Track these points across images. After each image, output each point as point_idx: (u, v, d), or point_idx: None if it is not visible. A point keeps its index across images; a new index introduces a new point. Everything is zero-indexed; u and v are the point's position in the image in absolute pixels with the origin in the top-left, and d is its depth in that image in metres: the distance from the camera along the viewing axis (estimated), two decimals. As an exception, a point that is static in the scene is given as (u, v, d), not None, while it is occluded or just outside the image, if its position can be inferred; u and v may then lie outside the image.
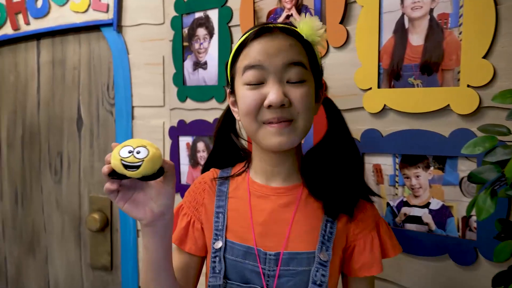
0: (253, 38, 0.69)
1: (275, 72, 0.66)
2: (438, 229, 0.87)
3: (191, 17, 1.25)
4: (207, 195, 0.79)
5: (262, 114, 0.68)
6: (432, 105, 0.85)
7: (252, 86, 0.68)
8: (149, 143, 0.61)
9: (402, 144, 0.89)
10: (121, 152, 0.59)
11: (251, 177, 0.77)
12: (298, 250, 0.70)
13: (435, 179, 0.86)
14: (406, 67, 0.88)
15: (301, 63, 0.68)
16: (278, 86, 0.66)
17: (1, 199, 1.78)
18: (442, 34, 0.83)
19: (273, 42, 0.67)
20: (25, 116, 1.68)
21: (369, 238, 0.74)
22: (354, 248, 0.74)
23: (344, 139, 0.76)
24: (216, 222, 0.75)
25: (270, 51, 0.67)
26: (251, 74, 0.67)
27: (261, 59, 0.67)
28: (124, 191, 0.63)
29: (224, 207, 0.76)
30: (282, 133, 0.67)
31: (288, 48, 0.67)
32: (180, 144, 1.31)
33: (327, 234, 0.71)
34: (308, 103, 0.68)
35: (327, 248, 0.70)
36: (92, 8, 1.42)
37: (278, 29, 0.69)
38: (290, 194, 0.74)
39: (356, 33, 0.94)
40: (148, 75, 1.37)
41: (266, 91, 0.67)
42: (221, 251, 0.73)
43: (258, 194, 0.75)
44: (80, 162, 1.57)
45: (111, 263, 1.52)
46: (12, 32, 1.60)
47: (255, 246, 0.71)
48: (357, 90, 0.95)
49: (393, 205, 0.92)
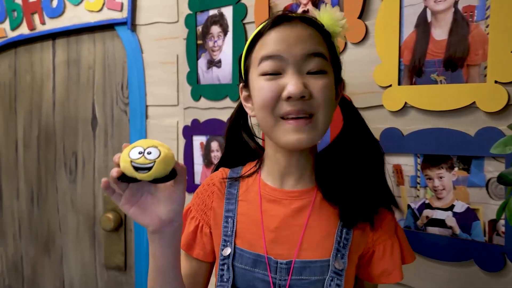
0: (270, 27, 0.64)
1: (294, 62, 0.62)
2: (463, 233, 0.83)
3: (205, 15, 1.23)
4: (216, 198, 0.74)
5: (279, 107, 0.63)
6: (457, 102, 0.81)
7: (269, 77, 0.63)
8: (160, 143, 0.57)
9: (424, 143, 0.85)
10: (131, 153, 0.55)
11: (263, 179, 0.73)
12: (311, 258, 0.66)
13: (460, 181, 0.82)
14: (428, 62, 0.84)
15: (322, 54, 0.63)
16: (298, 77, 0.61)
17: (17, 198, 1.79)
18: (467, 27, 0.79)
19: (292, 31, 0.63)
20: (40, 117, 1.69)
21: (389, 244, 0.69)
22: (373, 254, 0.69)
23: (363, 138, 0.71)
24: (225, 227, 0.71)
25: (289, 41, 0.62)
26: (269, 64, 0.63)
27: (280, 48, 0.62)
28: (130, 194, 0.59)
29: (234, 211, 0.72)
30: (302, 130, 0.62)
31: (308, 38, 0.63)
32: (194, 144, 1.29)
33: (343, 240, 0.66)
34: (329, 96, 0.63)
35: (342, 255, 0.66)
36: (106, 7, 1.41)
37: (297, 18, 0.65)
38: (303, 198, 0.69)
39: (376, 28, 0.90)
40: (162, 74, 1.35)
41: (284, 82, 0.62)
42: (229, 258, 0.69)
43: (269, 198, 0.70)
44: (94, 162, 1.57)
45: (125, 263, 1.52)
46: (28, 32, 1.61)
47: (266, 254, 0.67)
48: (376, 88, 0.91)
49: (414, 208, 0.88)
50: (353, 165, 0.68)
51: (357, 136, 0.70)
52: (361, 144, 0.70)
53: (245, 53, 0.69)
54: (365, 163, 0.69)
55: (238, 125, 0.77)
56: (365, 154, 0.69)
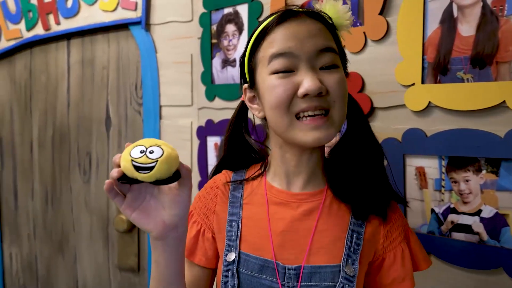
0: (277, 23, 0.61)
1: (307, 58, 0.60)
2: (491, 240, 0.78)
3: (219, 13, 1.21)
4: (220, 201, 0.71)
5: (295, 105, 0.60)
6: (485, 101, 0.76)
7: (282, 75, 0.60)
8: (164, 142, 0.54)
9: (449, 145, 0.81)
10: (132, 152, 0.52)
11: (269, 181, 0.70)
12: (321, 264, 0.63)
13: (488, 184, 0.78)
14: (454, 60, 0.80)
15: (333, 48, 0.62)
16: (313, 74, 0.59)
17: (32, 198, 1.80)
18: (497, 22, 0.75)
19: (301, 27, 0.60)
20: (55, 117, 1.69)
21: (399, 250, 0.66)
22: (384, 261, 0.66)
23: (366, 137, 0.68)
24: (229, 232, 0.68)
25: (299, 37, 0.60)
26: (280, 62, 0.60)
27: (291, 45, 0.60)
28: (132, 198, 0.56)
29: (238, 215, 0.69)
30: (319, 127, 0.60)
31: (318, 32, 0.61)
32: (208, 145, 1.27)
33: (353, 245, 0.64)
34: (344, 90, 0.62)
35: (353, 261, 0.63)
36: (120, 7, 1.40)
37: (304, 13, 0.62)
38: (312, 200, 0.66)
39: (398, 24, 0.87)
40: (176, 74, 1.34)
41: (298, 80, 0.59)
42: (234, 264, 0.66)
43: (276, 201, 0.67)
44: (108, 162, 1.56)
45: (138, 265, 1.50)
46: (44, 32, 1.61)
47: (274, 259, 0.64)
48: (398, 86, 0.88)
49: (438, 212, 0.84)
50: (359, 164, 0.66)
51: (361, 135, 0.68)
52: (364, 143, 0.68)
53: (249, 52, 0.66)
54: (368, 162, 0.67)
55: (240, 126, 0.74)
56: (368, 153, 0.67)
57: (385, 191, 0.67)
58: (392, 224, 0.67)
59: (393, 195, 0.69)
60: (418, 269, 0.69)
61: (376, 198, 0.65)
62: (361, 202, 0.65)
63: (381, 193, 0.66)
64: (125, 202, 0.55)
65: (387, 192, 0.68)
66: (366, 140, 0.68)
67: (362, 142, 0.67)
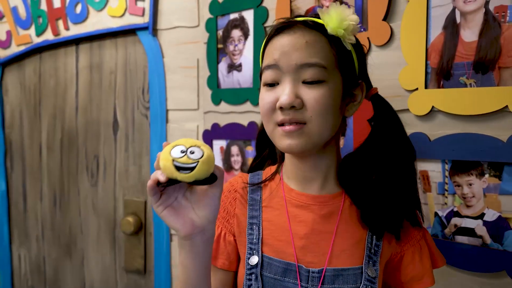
0: (273, 35, 0.64)
1: (289, 72, 0.61)
2: (494, 243, 0.79)
3: (226, 19, 1.23)
4: (239, 205, 0.72)
5: (275, 116, 0.63)
6: (488, 106, 0.77)
7: (269, 87, 0.64)
8: (202, 143, 0.54)
9: (453, 149, 0.82)
10: (172, 152, 0.52)
11: (286, 183, 0.71)
12: (343, 266, 0.64)
13: (491, 188, 0.79)
14: (457, 65, 0.81)
15: (317, 64, 0.60)
16: (290, 87, 0.61)
17: (40, 201, 1.82)
18: (499, 28, 0.76)
19: (288, 40, 0.62)
20: (64, 120, 1.72)
21: (418, 248, 0.67)
22: (402, 259, 0.68)
23: (396, 140, 0.66)
24: (250, 235, 0.69)
25: (285, 50, 0.61)
26: (268, 74, 0.63)
27: (276, 58, 0.62)
28: (166, 196, 0.56)
29: (259, 218, 0.70)
30: (292, 135, 0.62)
31: (304, 46, 0.61)
32: (213, 148, 1.28)
33: (374, 247, 0.65)
34: (324, 106, 0.61)
35: (374, 262, 0.64)
36: (128, 12, 1.42)
37: (300, 23, 0.63)
38: (332, 203, 0.67)
39: (401, 30, 0.88)
40: (183, 78, 1.35)
41: (279, 92, 0.62)
42: (257, 267, 0.66)
43: (296, 203, 0.68)
44: (115, 165, 1.58)
45: (144, 267, 1.52)
46: (53, 38, 1.64)
47: (296, 262, 0.65)
48: (402, 91, 0.89)
49: (442, 215, 0.85)
50: (383, 170, 0.65)
51: (390, 138, 0.66)
52: (393, 147, 0.66)
53: (260, 61, 0.69)
54: (395, 169, 0.65)
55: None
56: (397, 159, 0.65)
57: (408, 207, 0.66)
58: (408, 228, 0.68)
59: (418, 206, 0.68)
60: (436, 266, 0.70)
61: (393, 216, 0.64)
62: (377, 220, 0.64)
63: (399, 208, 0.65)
64: (160, 199, 0.56)
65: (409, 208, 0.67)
66: (395, 147, 0.65)
67: (393, 146, 0.65)
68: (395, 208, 0.64)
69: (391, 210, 0.64)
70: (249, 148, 1.20)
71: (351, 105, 0.67)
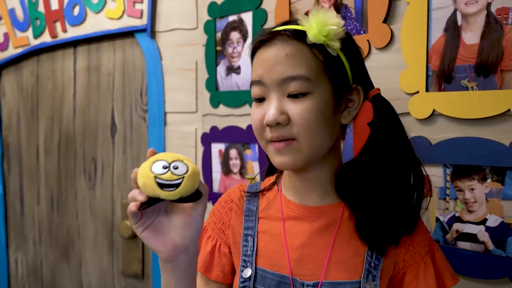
0: (256, 49, 0.63)
1: (273, 87, 0.59)
2: (497, 249, 0.78)
3: (224, 21, 1.22)
4: (235, 215, 0.70)
5: (266, 133, 0.61)
6: (490, 110, 0.76)
7: (257, 103, 0.62)
8: (184, 157, 0.51)
9: (454, 153, 0.81)
10: (153, 168, 0.48)
11: (284, 194, 0.69)
12: (339, 280, 0.61)
13: (493, 193, 0.77)
14: (458, 68, 0.80)
15: (299, 76, 0.57)
16: (275, 104, 0.58)
17: (38, 203, 1.81)
18: (501, 30, 0.75)
19: (270, 53, 0.59)
20: (61, 123, 1.71)
21: (422, 265, 0.63)
22: (405, 276, 0.63)
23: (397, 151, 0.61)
24: (244, 247, 0.67)
25: (267, 65, 0.59)
26: (255, 90, 0.62)
27: (260, 73, 0.60)
28: (146, 215, 0.52)
29: (254, 229, 0.67)
30: (283, 152, 0.60)
31: (284, 59, 0.58)
32: (212, 151, 1.27)
33: (374, 261, 0.61)
34: (310, 120, 0.58)
35: (373, 277, 0.61)
36: (126, 14, 1.41)
37: (278, 35, 0.60)
38: (329, 214, 0.64)
39: (402, 32, 0.87)
40: (181, 80, 1.34)
41: (266, 108, 0.60)
42: (250, 280, 0.64)
43: (293, 215, 0.66)
44: (113, 168, 1.57)
45: (142, 271, 1.50)
46: (50, 40, 1.63)
47: (290, 274, 0.62)
48: (402, 94, 0.88)
49: (443, 221, 0.84)
50: (383, 179, 0.61)
51: (389, 144, 0.61)
52: (391, 154, 0.61)
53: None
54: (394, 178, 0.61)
55: None
56: (395, 167, 0.61)
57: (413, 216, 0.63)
58: (415, 237, 0.64)
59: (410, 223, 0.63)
60: (445, 286, 0.65)
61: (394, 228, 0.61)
62: (377, 236, 0.60)
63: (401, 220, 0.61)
64: (141, 220, 0.52)
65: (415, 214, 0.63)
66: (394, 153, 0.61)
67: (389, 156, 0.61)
68: (394, 219, 0.61)
69: (389, 221, 0.60)
70: (248, 152, 1.19)
71: (347, 112, 0.63)
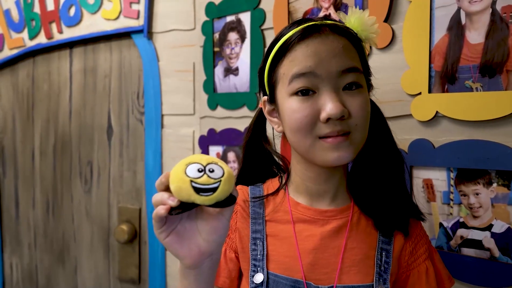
0: (299, 40, 0.58)
1: (329, 79, 0.57)
2: (503, 256, 0.75)
3: (222, 21, 1.19)
4: (240, 218, 0.68)
5: (317, 129, 0.58)
6: (495, 111, 0.74)
7: (302, 98, 0.58)
8: (218, 159, 0.47)
9: (458, 156, 0.78)
10: (188, 171, 0.44)
11: (292, 197, 0.67)
12: (353, 283, 0.61)
13: (499, 198, 0.75)
14: (462, 68, 0.77)
15: (357, 68, 0.59)
16: (335, 96, 0.57)
17: (33, 207, 1.78)
18: (507, 29, 0.72)
19: (324, 45, 0.57)
20: (57, 125, 1.68)
21: (423, 268, 0.64)
22: (408, 279, 0.64)
23: (389, 149, 0.66)
24: (253, 250, 0.64)
25: (322, 56, 0.57)
26: (301, 82, 0.57)
27: (312, 65, 0.57)
28: (170, 220, 0.49)
29: (262, 232, 0.65)
30: (340, 147, 0.58)
31: (342, 51, 0.58)
32: (210, 154, 1.24)
33: (383, 264, 0.62)
34: (367, 113, 0.60)
35: (384, 280, 0.61)
36: (123, 15, 1.39)
37: (327, 28, 0.59)
38: (340, 217, 0.64)
39: (403, 32, 0.84)
40: (178, 82, 1.32)
41: (320, 103, 0.57)
42: (263, 286, 0.62)
43: (303, 218, 0.65)
44: (109, 171, 1.54)
45: (139, 276, 1.48)
46: (46, 41, 1.61)
47: (304, 279, 0.61)
48: (404, 96, 0.85)
49: (447, 226, 0.81)
50: (382, 177, 0.65)
51: (385, 147, 0.66)
52: (388, 156, 0.66)
53: (269, 67, 0.63)
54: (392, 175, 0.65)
55: (259, 136, 0.71)
56: (392, 166, 0.66)
57: (406, 204, 0.65)
58: (417, 241, 0.66)
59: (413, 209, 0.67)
60: (444, 287, 0.67)
61: (398, 212, 0.64)
62: (384, 216, 0.63)
63: (402, 206, 0.65)
64: (165, 225, 0.49)
65: (408, 205, 0.66)
66: (387, 150, 0.66)
67: (383, 152, 0.66)
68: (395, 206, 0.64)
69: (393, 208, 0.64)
70: (245, 155, 1.16)
71: None
